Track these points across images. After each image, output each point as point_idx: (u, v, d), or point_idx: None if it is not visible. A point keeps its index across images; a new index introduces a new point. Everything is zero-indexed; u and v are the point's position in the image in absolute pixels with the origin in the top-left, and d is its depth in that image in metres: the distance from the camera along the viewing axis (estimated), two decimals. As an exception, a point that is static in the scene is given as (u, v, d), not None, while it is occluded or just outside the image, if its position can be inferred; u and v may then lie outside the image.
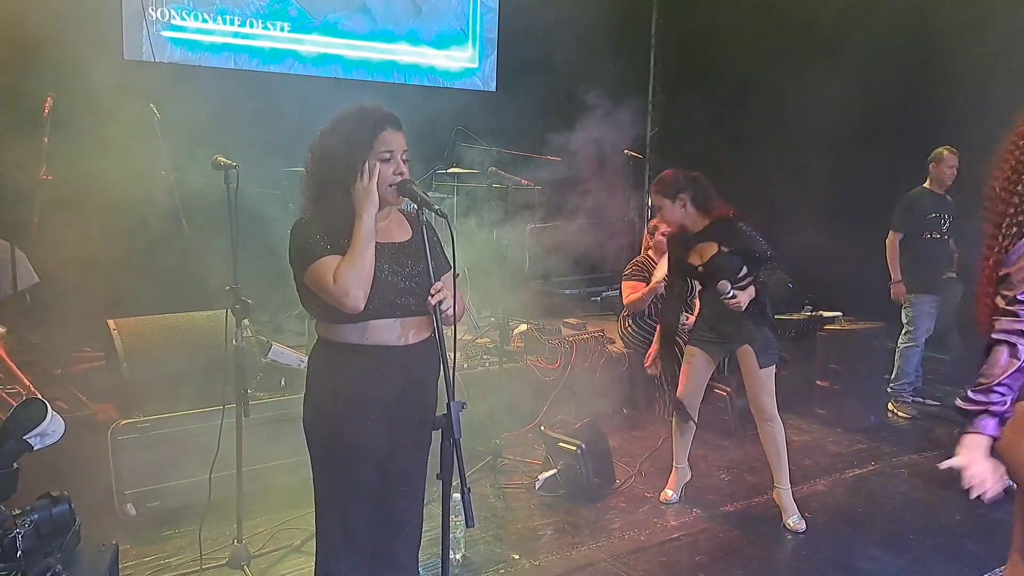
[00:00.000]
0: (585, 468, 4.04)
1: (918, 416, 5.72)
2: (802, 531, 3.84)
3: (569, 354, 5.31)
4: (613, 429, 5.29)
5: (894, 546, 3.74)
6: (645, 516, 4.02)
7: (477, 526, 3.77)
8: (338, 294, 2.22)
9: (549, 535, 3.76)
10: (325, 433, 2.42)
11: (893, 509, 4.19)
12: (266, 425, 3.87)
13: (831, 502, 4.25)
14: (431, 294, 2.29)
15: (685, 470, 4.25)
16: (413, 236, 2.47)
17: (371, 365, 2.37)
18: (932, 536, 3.86)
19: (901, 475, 4.67)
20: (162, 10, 5.84)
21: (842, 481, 4.57)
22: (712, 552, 3.67)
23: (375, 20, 6.78)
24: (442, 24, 7.19)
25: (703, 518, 4.02)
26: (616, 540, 3.74)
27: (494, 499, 4.16)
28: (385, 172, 2.33)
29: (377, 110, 2.39)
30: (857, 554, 3.64)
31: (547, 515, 3.98)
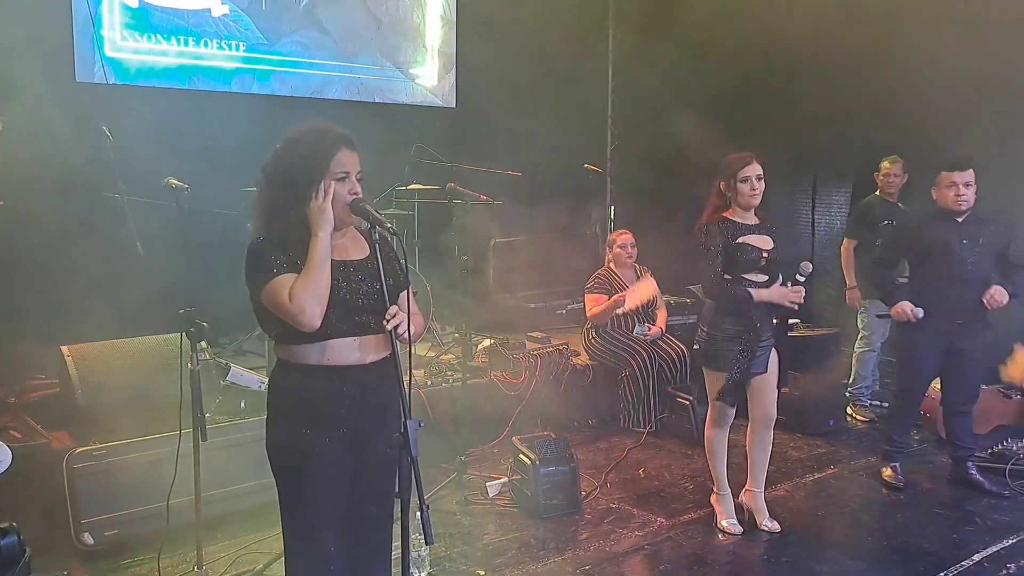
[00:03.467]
0: (538, 482, 4.04)
1: (876, 419, 5.82)
2: (778, 531, 3.92)
3: (534, 368, 5.32)
4: (579, 440, 5.32)
5: (852, 548, 3.80)
6: (610, 527, 4.04)
7: (443, 543, 3.80)
8: (294, 312, 2.22)
9: (515, 550, 3.76)
10: (289, 455, 2.42)
11: (851, 512, 4.26)
12: (226, 448, 3.83)
13: (792, 506, 4.31)
14: (386, 319, 2.29)
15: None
16: (370, 254, 2.48)
17: (331, 385, 2.37)
18: (889, 537, 3.93)
19: (860, 478, 4.75)
20: (113, 31, 5.78)
21: (802, 485, 4.63)
22: (676, 560, 3.70)
23: (333, 38, 6.78)
24: (401, 41, 7.21)
25: (667, 526, 4.05)
26: (581, 552, 3.75)
27: (460, 515, 4.15)
28: (340, 192, 2.34)
29: (332, 130, 2.40)
30: (817, 557, 3.69)
31: (513, 530, 3.98)
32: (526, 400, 5.21)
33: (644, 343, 5.62)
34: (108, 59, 5.75)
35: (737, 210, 3.78)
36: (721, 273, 3.73)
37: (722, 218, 3.78)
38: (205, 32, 6.16)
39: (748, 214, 3.80)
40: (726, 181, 3.76)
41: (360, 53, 6.95)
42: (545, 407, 5.33)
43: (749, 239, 3.73)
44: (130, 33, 5.86)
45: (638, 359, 5.51)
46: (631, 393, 5.54)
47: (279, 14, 6.49)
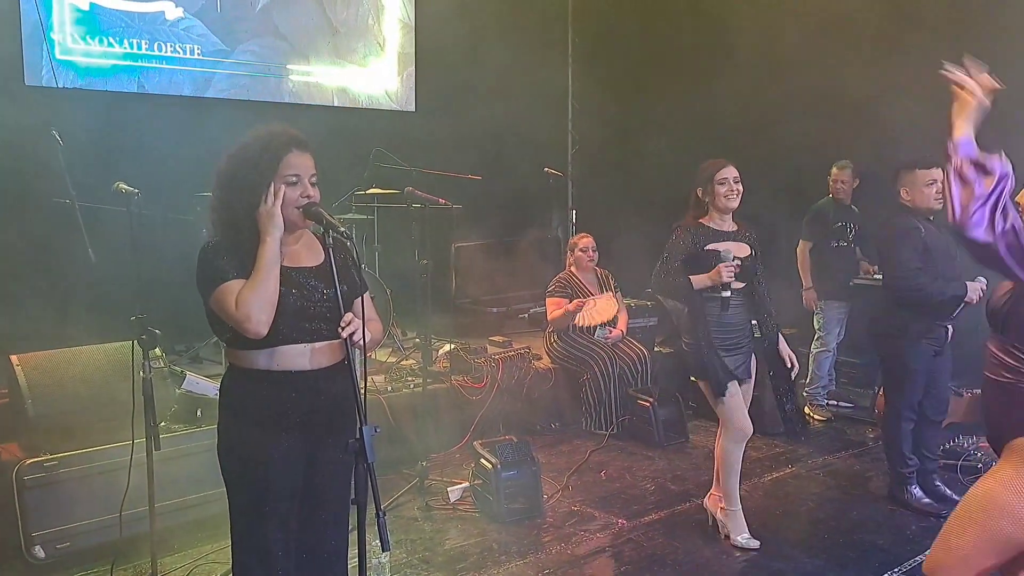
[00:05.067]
0: (499, 487, 4.04)
1: (832, 418, 5.92)
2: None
3: (495, 372, 5.32)
4: (541, 444, 5.33)
5: (809, 545, 3.86)
6: (572, 529, 4.04)
7: (404, 549, 3.78)
8: (240, 319, 2.19)
9: (476, 555, 3.75)
10: (239, 462, 2.39)
11: (808, 510, 4.33)
12: (181, 458, 3.78)
13: (751, 505, 4.33)
14: (341, 326, 2.27)
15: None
16: (325, 260, 2.45)
17: (282, 391, 2.34)
18: (844, 534, 4.00)
19: (817, 476, 4.83)
20: (64, 34, 5.67)
21: (761, 485, 4.69)
22: (637, 561, 3.72)
23: (289, 42, 6.73)
24: (359, 44, 7.18)
25: (628, 528, 4.07)
26: (543, 555, 3.75)
27: (422, 521, 4.14)
28: (291, 195, 2.31)
29: (283, 132, 2.38)
30: (774, 555, 3.74)
31: (475, 535, 3.97)
32: (488, 404, 5.20)
33: (605, 346, 5.65)
34: (58, 62, 5.64)
35: (714, 216, 3.77)
36: (674, 268, 3.70)
37: (698, 223, 3.76)
38: (159, 35, 6.07)
39: (726, 220, 3.78)
40: (703, 186, 3.74)
41: (317, 57, 6.90)
42: (507, 411, 5.33)
43: (723, 246, 3.70)
44: (81, 36, 5.75)
45: (599, 362, 5.54)
46: (593, 396, 5.56)
47: (234, 18, 6.42)
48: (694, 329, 3.75)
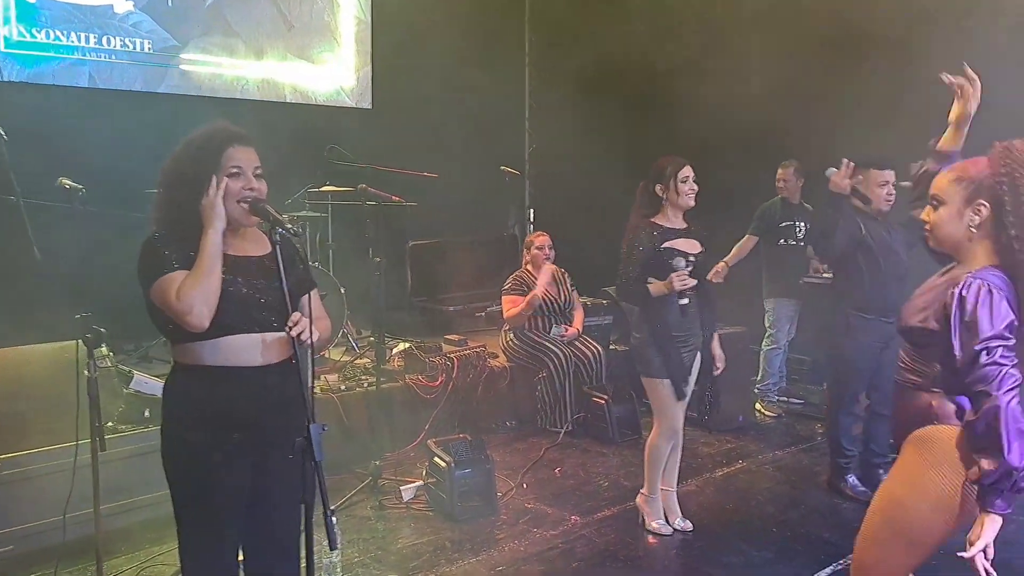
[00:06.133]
0: (453, 485, 4.05)
1: (783, 414, 6.04)
2: (690, 530, 3.98)
3: (451, 371, 5.32)
4: (496, 442, 5.35)
5: (759, 539, 3.93)
6: (525, 527, 4.07)
7: (356, 549, 3.77)
8: (181, 311, 2.17)
9: (429, 553, 3.76)
10: (184, 463, 2.35)
11: (758, 504, 4.40)
12: (128, 459, 3.73)
13: (702, 501, 4.42)
14: (288, 325, 2.26)
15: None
16: (272, 251, 2.44)
17: (229, 387, 2.31)
18: (793, 527, 4.08)
19: (767, 471, 4.92)
20: (9, 26, 5.53)
21: (712, 480, 4.76)
22: (589, 557, 3.75)
23: (241, 38, 6.65)
24: (313, 41, 7.12)
25: (581, 524, 4.11)
26: (496, 553, 3.77)
27: (375, 520, 4.12)
28: (233, 188, 2.31)
29: (224, 127, 2.38)
30: (725, 549, 3.80)
31: (428, 533, 3.97)
32: (443, 403, 5.20)
33: (561, 344, 5.69)
34: (4, 55, 5.50)
35: (666, 214, 3.80)
36: (635, 277, 3.74)
37: (651, 223, 3.79)
38: (108, 29, 5.95)
39: (677, 218, 3.82)
40: (664, 183, 3.77)
41: (271, 53, 6.83)
42: (462, 410, 5.34)
43: (677, 243, 3.76)
44: (27, 28, 5.62)
45: (555, 360, 5.57)
46: (548, 394, 5.59)
47: (185, 13, 6.32)
48: (645, 326, 3.80)
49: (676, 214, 3.83)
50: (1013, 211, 2.01)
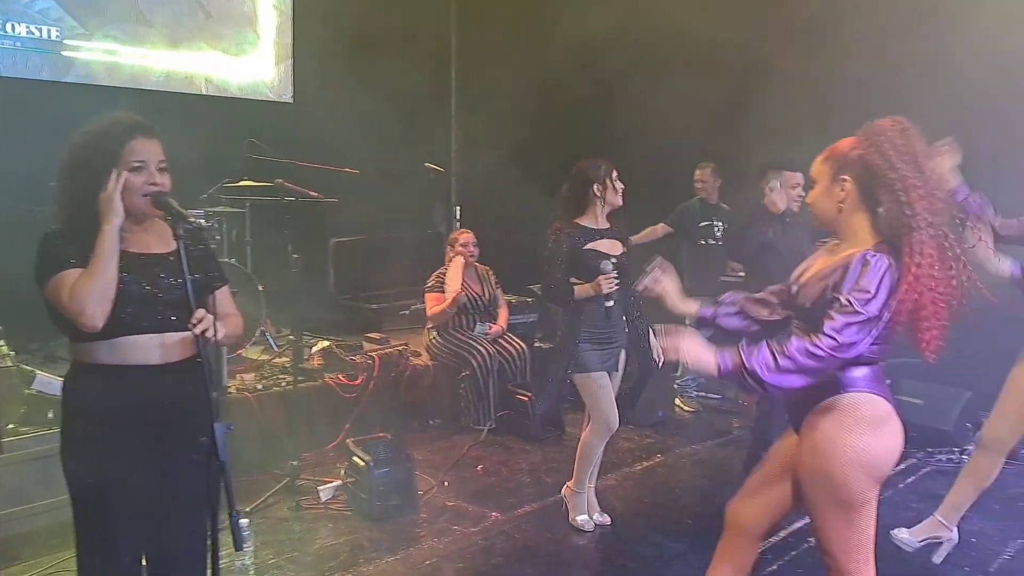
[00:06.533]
0: (372, 484, 4.00)
1: (701, 409, 6.17)
2: (608, 524, 4.03)
3: (371, 369, 5.26)
4: (419, 441, 5.32)
5: (673, 532, 4.01)
6: (445, 524, 4.05)
7: (271, 550, 3.70)
8: (73, 311, 2.10)
9: (347, 553, 3.71)
10: (81, 465, 2.27)
11: (674, 497, 4.49)
12: (29, 462, 3.57)
13: (621, 494, 4.48)
14: (192, 323, 2.19)
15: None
16: (175, 249, 2.37)
17: (127, 387, 2.24)
18: (707, 520, 4.14)
19: (684, 465, 5.02)
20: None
21: (631, 475, 4.84)
22: (508, 553, 3.76)
23: (155, 27, 6.42)
24: (232, 31, 6.94)
25: (501, 520, 4.12)
26: (414, 551, 3.74)
27: (291, 522, 4.05)
28: (135, 182, 2.23)
29: (127, 118, 2.30)
30: (641, 542, 3.87)
31: (346, 533, 3.92)
32: (363, 402, 5.14)
33: (485, 342, 5.69)
34: None
35: (594, 215, 3.84)
36: (560, 278, 3.77)
37: (574, 224, 3.83)
38: (12, 15, 5.68)
39: (601, 218, 3.86)
40: (600, 182, 3.80)
41: (186, 43, 6.62)
42: (384, 409, 5.29)
43: (600, 244, 3.80)
44: (-80, 11, 5.32)
45: (478, 358, 5.56)
46: (471, 392, 5.58)
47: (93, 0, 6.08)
48: (572, 325, 3.82)
49: (603, 215, 3.86)
50: (880, 184, 2.12)
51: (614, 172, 3.85)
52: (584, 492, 4.03)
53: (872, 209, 2.19)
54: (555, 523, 4.09)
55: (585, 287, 3.76)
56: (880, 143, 2.13)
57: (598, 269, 3.75)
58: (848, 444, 2.14)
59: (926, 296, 2.06)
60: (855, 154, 2.19)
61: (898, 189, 2.09)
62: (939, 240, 2.08)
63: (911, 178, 2.08)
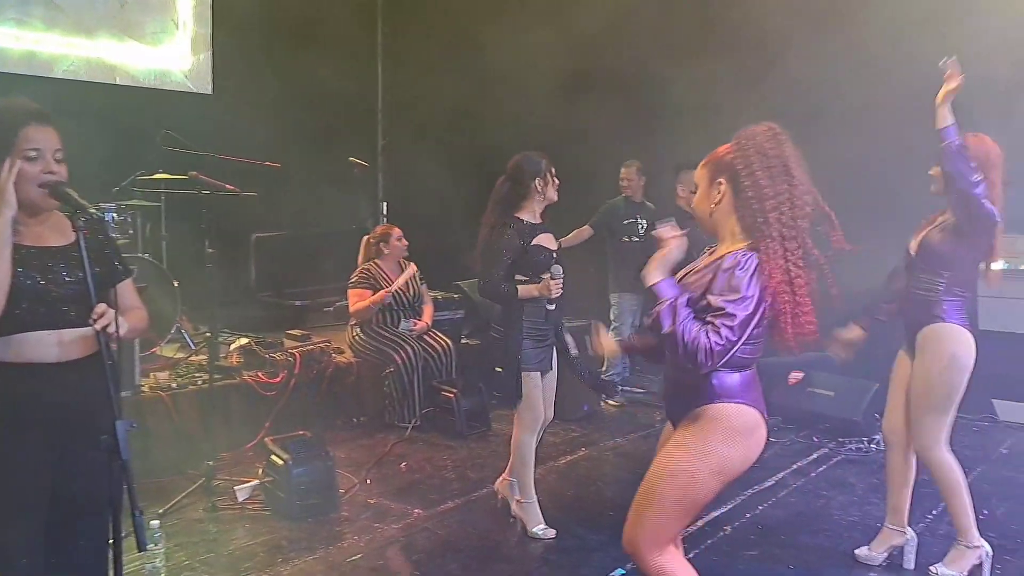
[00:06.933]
0: (291, 483, 3.93)
1: (626, 404, 6.26)
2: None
3: (292, 367, 5.16)
4: (343, 439, 5.26)
5: (595, 523, 4.04)
6: (366, 522, 4.01)
7: (185, 552, 3.60)
8: None
9: (264, 553, 3.63)
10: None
11: (597, 490, 4.55)
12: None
13: (544, 488, 4.47)
14: (93, 318, 2.11)
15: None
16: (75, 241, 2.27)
17: (26, 385, 2.16)
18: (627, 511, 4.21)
19: (607, 458, 5.08)
20: None
21: (555, 468, 4.87)
22: (430, 549, 3.74)
23: (65, 12, 6.16)
24: (147, 18, 6.70)
25: (424, 517, 4.09)
26: (333, 550, 3.69)
27: (207, 522, 3.94)
28: (30, 171, 2.14)
29: (22, 105, 2.21)
30: (563, 534, 3.89)
31: (264, 533, 3.84)
32: (284, 401, 5.04)
33: (410, 338, 5.64)
34: None
35: (531, 209, 3.78)
36: (503, 276, 3.69)
37: (516, 219, 3.74)
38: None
39: (538, 213, 3.81)
40: (541, 176, 3.74)
41: (100, 30, 6.38)
42: (305, 407, 5.20)
43: (540, 239, 3.75)
44: None
45: (403, 354, 5.52)
46: (396, 389, 5.53)
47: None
48: (510, 322, 3.75)
49: (540, 210, 3.82)
50: (750, 186, 2.16)
51: (552, 167, 3.80)
52: (534, 500, 3.92)
53: (742, 212, 2.23)
54: (478, 518, 4.08)
55: (530, 288, 3.68)
56: (746, 149, 2.18)
57: (542, 266, 3.69)
58: (713, 452, 2.19)
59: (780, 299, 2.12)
60: (728, 158, 2.23)
61: (751, 197, 2.15)
62: (791, 248, 2.13)
63: (767, 187, 2.13)
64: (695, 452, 2.21)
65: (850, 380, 5.26)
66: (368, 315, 5.57)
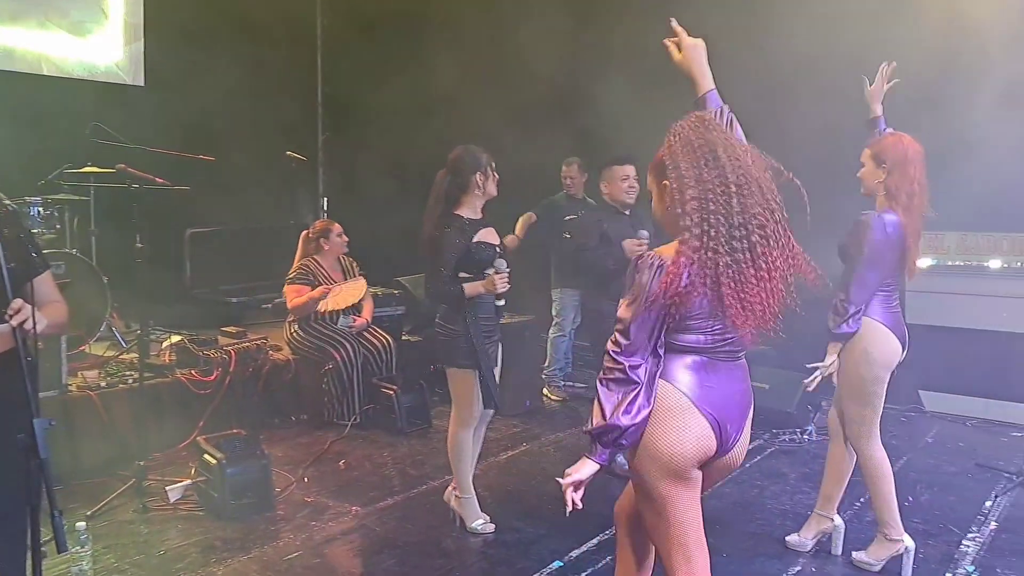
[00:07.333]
0: (225, 482, 3.86)
1: (568, 398, 6.30)
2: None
3: (227, 365, 5.06)
4: (280, 437, 5.18)
5: (533, 516, 4.07)
6: (303, 521, 3.95)
7: (115, 554, 3.52)
8: None
9: (196, 554, 3.56)
10: None
11: (536, 484, 4.56)
12: None
13: (485, 483, 4.49)
14: (8, 314, 2.04)
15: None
16: None
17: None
18: (566, 504, 4.25)
19: (548, 452, 5.11)
20: None
21: (496, 464, 4.88)
22: (367, 546, 3.71)
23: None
24: (77, 8, 6.50)
25: (362, 514, 4.06)
26: (269, 549, 3.63)
27: (137, 524, 3.85)
28: None
29: None
30: (502, 528, 3.89)
31: (197, 534, 3.76)
32: (218, 399, 4.94)
33: (349, 335, 5.58)
34: None
35: (472, 205, 3.72)
36: (451, 276, 3.62)
37: (458, 216, 3.69)
38: None
39: (477, 209, 3.75)
40: (483, 171, 3.68)
41: (25, 19, 6.15)
42: (241, 405, 5.11)
43: (482, 235, 3.70)
44: None
45: (342, 351, 5.45)
46: (335, 386, 5.47)
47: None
48: (456, 320, 3.69)
49: (479, 204, 3.75)
50: (675, 179, 2.09)
51: (492, 162, 3.74)
52: (472, 496, 3.88)
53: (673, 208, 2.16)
54: (418, 514, 4.06)
55: (476, 285, 3.63)
56: (673, 144, 2.12)
57: (486, 263, 3.64)
58: (645, 433, 2.14)
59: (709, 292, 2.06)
60: (660, 158, 2.18)
61: (675, 189, 2.09)
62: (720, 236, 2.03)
63: (689, 177, 2.05)
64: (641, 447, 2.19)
65: (784, 373, 5.38)
66: (307, 311, 5.49)
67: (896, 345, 3.34)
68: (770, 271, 2.08)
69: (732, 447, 2.21)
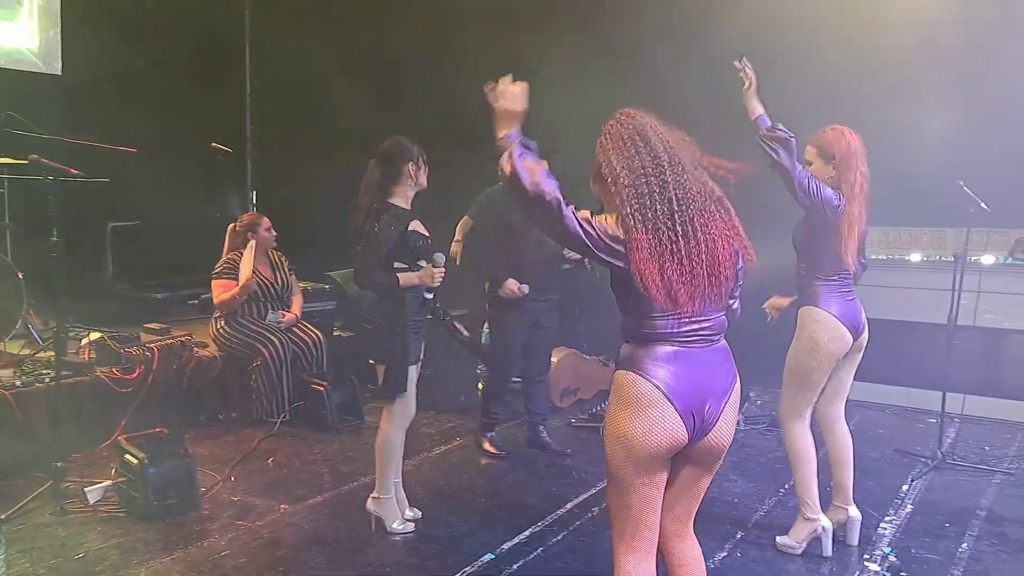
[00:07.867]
0: (147, 483, 3.76)
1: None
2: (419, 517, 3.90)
3: (150, 362, 4.91)
4: (207, 436, 5.07)
5: (466, 510, 4.06)
6: (229, 520, 3.86)
7: (29, 559, 3.39)
8: None
9: (117, 556, 3.44)
10: None
11: (469, 478, 4.56)
12: None
13: (417, 478, 4.48)
14: None
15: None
16: None
17: None
18: (499, 496, 4.27)
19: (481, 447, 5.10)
20: None
21: (429, 459, 4.86)
22: (295, 544, 3.65)
23: None
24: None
25: (290, 512, 3.99)
26: (194, 550, 3.54)
27: (55, 527, 3.71)
28: None
29: None
30: (433, 523, 3.88)
31: (118, 535, 3.64)
32: (141, 398, 4.79)
33: (277, 331, 5.48)
34: None
35: (405, 195, 3.66)
36: (382, 264, 3.56)
37: (391, 204, 3.62)
38: None
39: (408, 199, 3.70)
40: (414, 161, 3.64)
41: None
42: (165, 404, 4.97)
43: (416, 225, 3.66)
44: None
45: (271, 347, 5.35)
46: (264, 383, 5.36)
47: None
48: (385, 313, 3.63)
49: (411, 195, 3.71)
50: (608, 173, 2.13)
51: (423, 153, 3.70)
52: (391, 496, 3.80)
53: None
54: (349, 511, 4.01)
55: (411, 276, 3.57)
56: (604, 143, 2.17)
57: (420, 253, 3.60)
58: (611, 418, 2.18)
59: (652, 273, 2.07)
60: (597, 163, 2.21)
61: (610, 182, 2.13)
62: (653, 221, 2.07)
63: (620, 168, 2.10)
64: (608, 418, 2.21)
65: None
66: (234, 306, 5.38)
67: (845, 335, 3.43)
68: (714, 240, 2.12)
69: (710, 430, 2.18)
